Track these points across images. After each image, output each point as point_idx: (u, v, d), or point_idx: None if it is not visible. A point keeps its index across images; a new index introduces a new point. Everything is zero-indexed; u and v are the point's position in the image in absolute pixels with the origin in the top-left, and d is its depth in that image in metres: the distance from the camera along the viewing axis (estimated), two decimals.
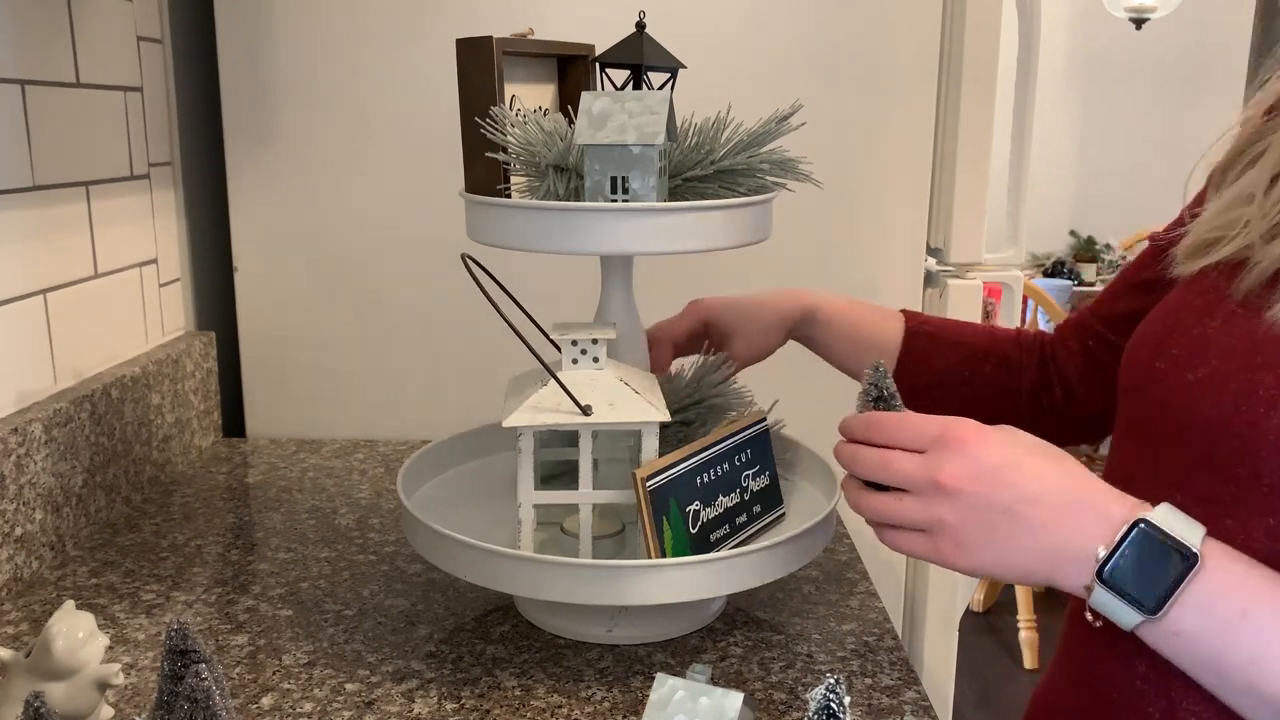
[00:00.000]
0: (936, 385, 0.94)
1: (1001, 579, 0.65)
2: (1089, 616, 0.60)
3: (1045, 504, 0.61)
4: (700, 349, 0.99)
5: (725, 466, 0.83)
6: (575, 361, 0.81)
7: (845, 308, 0.99)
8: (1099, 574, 0.58)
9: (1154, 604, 0.57)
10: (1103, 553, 0.58)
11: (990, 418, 0.67)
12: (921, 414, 0.67)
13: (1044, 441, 0.64)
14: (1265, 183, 0.66)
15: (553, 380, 0.78)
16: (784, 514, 0.90)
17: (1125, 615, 0.58)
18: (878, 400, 0.71)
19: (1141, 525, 0.58)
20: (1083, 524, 0.59)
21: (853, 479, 0.69)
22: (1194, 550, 0.57)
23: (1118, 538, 0.58)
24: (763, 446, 0.88)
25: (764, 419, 0.89)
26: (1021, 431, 0.65)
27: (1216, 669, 0.56)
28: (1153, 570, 0.57)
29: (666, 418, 0.78)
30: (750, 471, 0.86)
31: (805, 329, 0.99)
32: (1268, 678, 0.54)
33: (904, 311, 1.00)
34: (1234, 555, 0.58)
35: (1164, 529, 0.57)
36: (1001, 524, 0.61)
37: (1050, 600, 3.11)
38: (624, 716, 0.73)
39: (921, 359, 0.95)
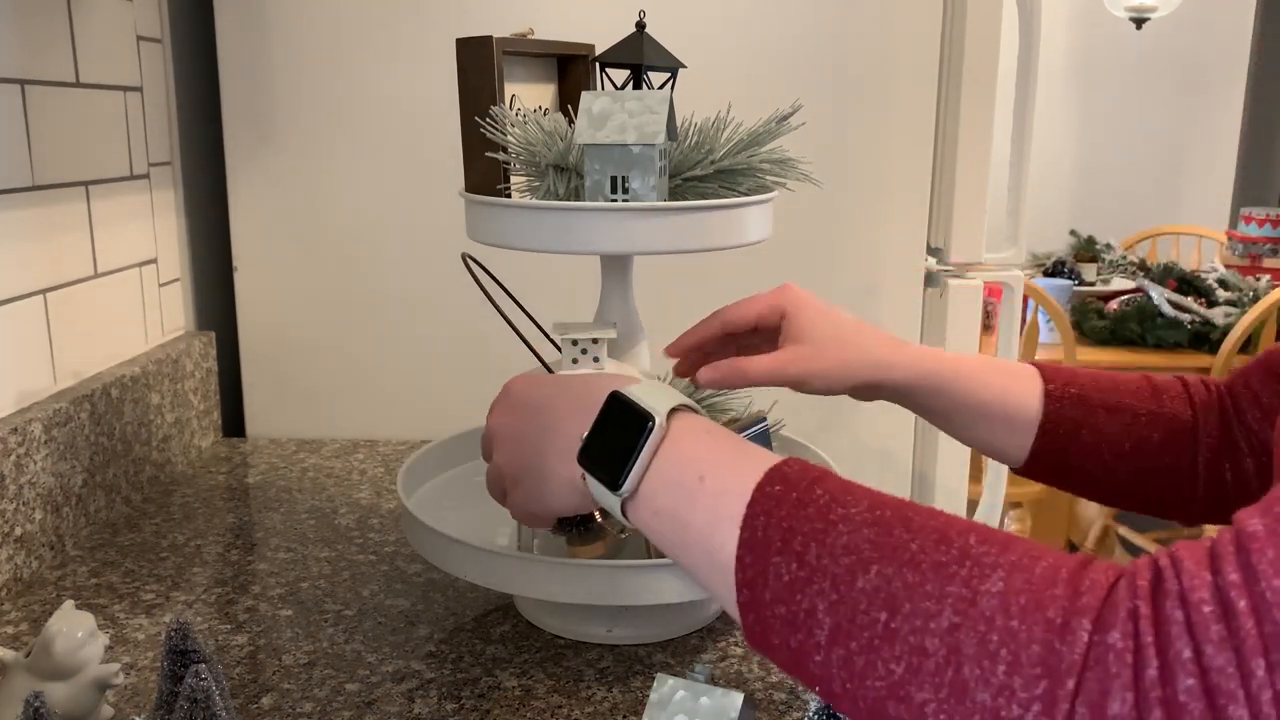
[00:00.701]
0: (1090, 462, 0.75)
1: (551, 502, 0.61)
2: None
3: (558, 404, 0.60)
4: (770, 336, 0.80)
5: None
6: (575, 361, 0.81)
7: (963, 360, 0.77)
8: (580, 454, 0.56)
9: (617, 477, 0.53)
10: (583, 435, 0.56)
11: (1161, 504, 0.61)
12: None
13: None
14: None
15: None
16: None
17: (605, 497, 0.55)
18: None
19: (613, 396, 0.55)
20: (574, 411, 0.58)
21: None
22: (652, 414, 0.53)
23: (595, 415, 0.56)
24: (763, 443, 0.88)
25: (764, 419, 0.89)
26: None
27: (688, 543, 0.51)
28: (618, 442, 0.54)
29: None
30: None
31: (909, 394, 0.77)
32: (717, 543, 0.49)
33: (1036, 365, 0.78)
34: (709, 426, 0.54)
35: (631, 397, 0.55)
36: (530, 442, 0.61)
37: None
38: (624, 716, 0.73)
39: (1070, 430, 0.75)
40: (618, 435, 0.54)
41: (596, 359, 0.81)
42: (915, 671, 0.41)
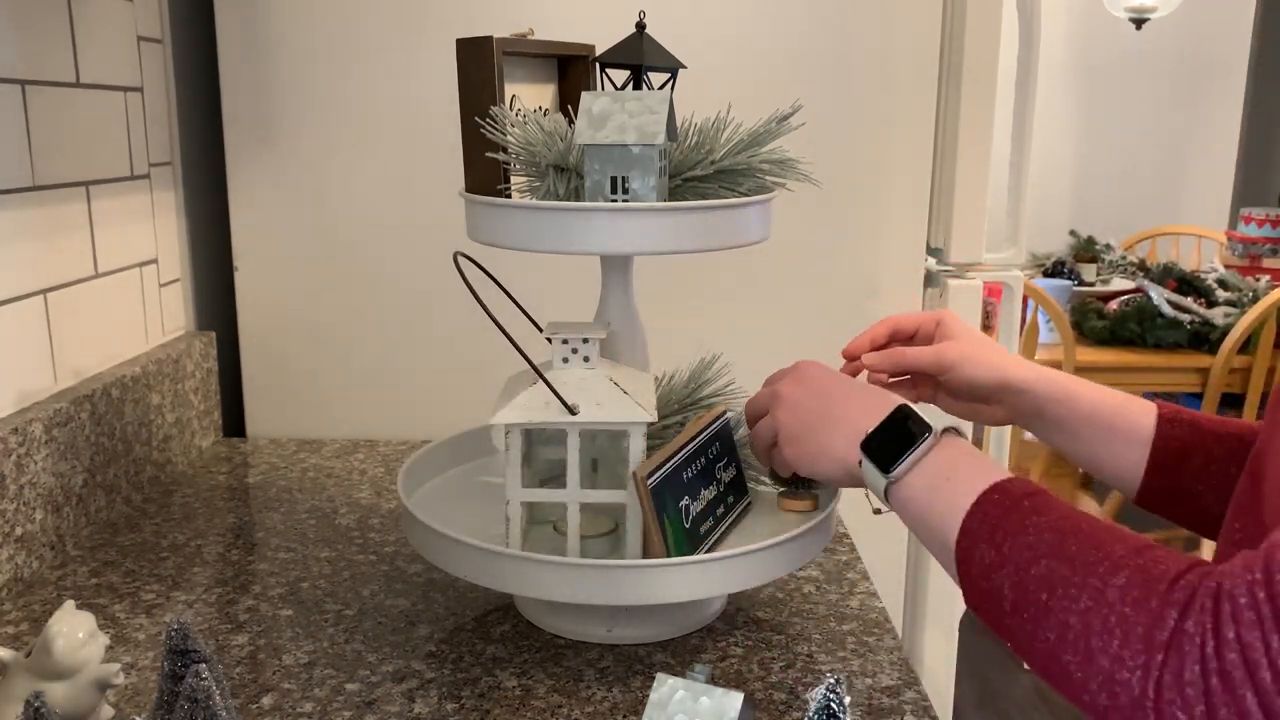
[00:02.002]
0: (1200, 482, 0.80)
1: (815, 472, 0.78)
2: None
3: (841, 399, 0.76)
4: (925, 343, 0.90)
5: (703, 460, 0.84)
6: (566, 361, 0.81)
7: (1082, 384, 0.85)
8: (862, 443, 0.72)
9: (889, 465, 0.69)
10: (867, 431, 0.72)
11: None
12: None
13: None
14: None
15: (542, 380, 0.78)
16: (750, 503, 0.90)
17: (876, 480, 0.71)
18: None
19: (900, 407, 0.72)
20: (862, 410, 0.74)
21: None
22: (931, 426, 0.70)
23: (880, 421, 0.72)
24: (728, 438, 0.89)
25: (725, 411, 0.90)
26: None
27: (930, 526, 0.67)
28: (897, 441, 0.70)
29: (653, 418, 0.78)
30: (720, 463, 0.87)
31: (1034, 400, 0.85)
32: (950, 528, 0.65)
33: (1152, 399, 0.86)
34: (969, 447, 0.70)
35: (915, 411, 0.71)
36: (813, 419, 0.77)
37: None
38: (624, 716, 0.73)
39: (1181, 451, 0.81)
40: (899, 436, 0.70)
41: (587, 358, 0.81)
42: (1061, 639, 0.56)
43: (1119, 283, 3.18)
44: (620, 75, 0.86)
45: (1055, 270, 3.18)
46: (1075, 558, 0.58)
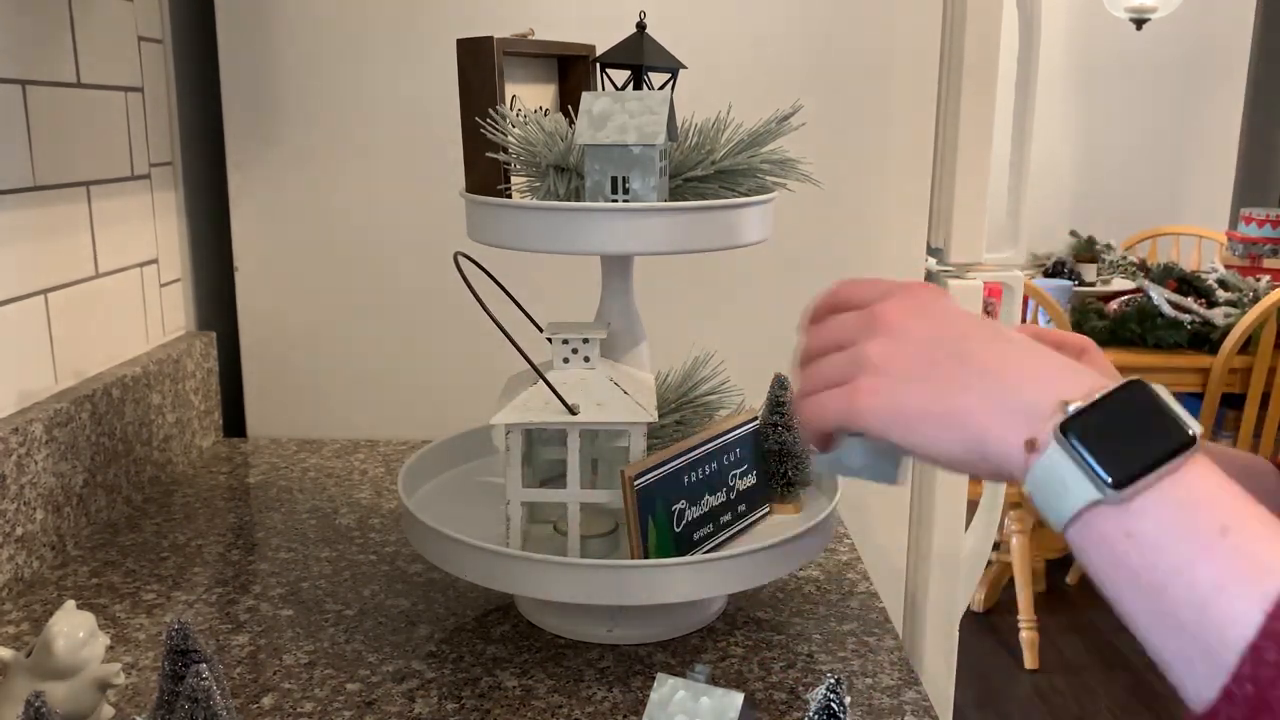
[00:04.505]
0: None
1: (912, 435, 0.50)
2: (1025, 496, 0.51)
3: (1001, 347, 0.50)
4: None
5: (713, 466, 0.84)
6: (566, 361, 0.81)
7: (1218, 448, 0.73)
8: (1062, 425, 0.45)
9: (1123, 475, 0.43)
10: (1077, 405, 0.45)
11: None
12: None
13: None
14: None
15: (542, 380, 0.78)
16: (769, 512, 0.90)
17: (1076, 489, 0.44)
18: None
19: (1138, 384, 0.46)
20: (1048, 371, 0.48)
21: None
22: (1193, 433, 0.44)
23: (1099, 395, 0.45)
24: (752, 446, 0.88)
25: (754, 419, 0.89)
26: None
27: (1168, 588, 0.42)
28: (1135, 436, 0.44)
29: (653, 418, 0.78)
30: (738, 471, 0.86)
31: None
32: (1223, 611, 0.41)
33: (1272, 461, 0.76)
34: (1221, 473, 0.46)
35: (1163, 398, 0.46)
36: (940, 359, 0.50)
37: (1051, 600, 3.11)
38: (624, 716, 0.73)
39: None
40: (1134, 430, 0.45)
41: (587, 359, 0.81)
42: None
43: (1119, 283, 3.18)
44: (620, 75, 0.86)
45: (1055, 270, 3.18)
46: None
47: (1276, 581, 0.40)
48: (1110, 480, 0.43)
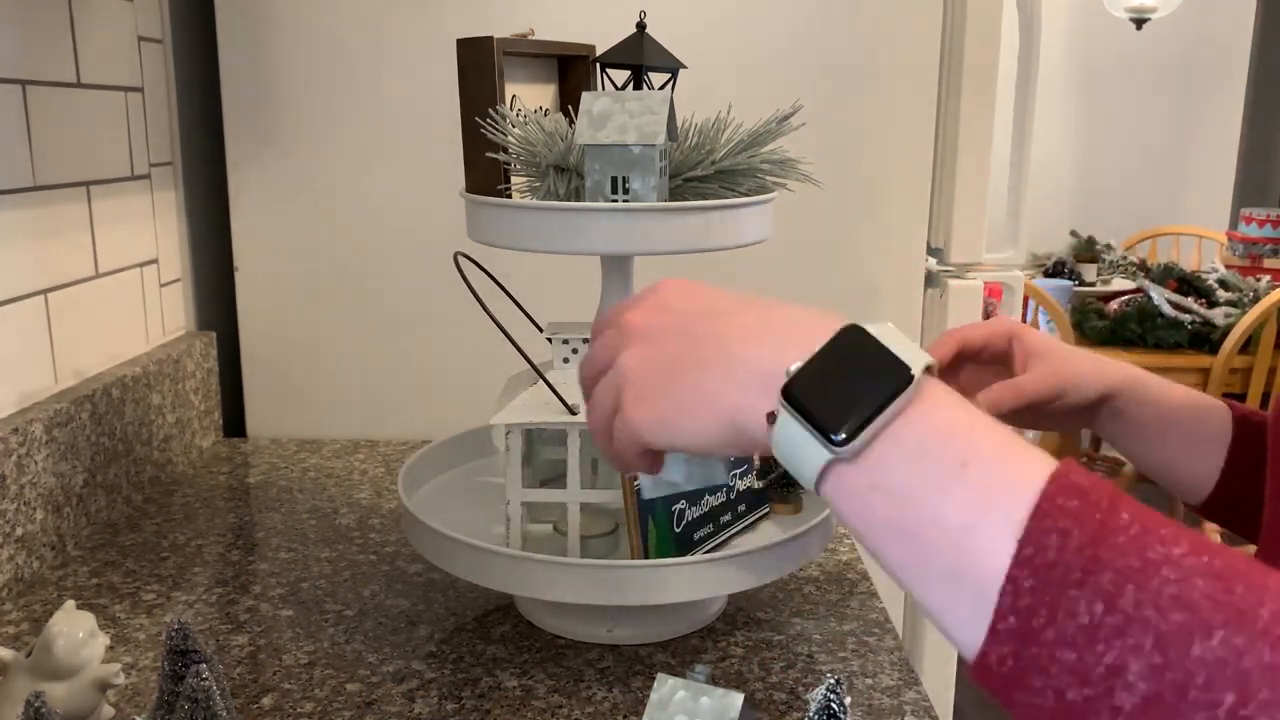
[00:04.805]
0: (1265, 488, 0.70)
1: (680, 434, 0.48)
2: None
3: (739, 317, 0.48)
4: (990, 362, 0.79)
5: None
6: (566, 361, 0.81)
7: (1161, 382, 0.78)
8: (784, 388, 0.43)
9: (848, 428, 0.41)
10: (796, 365, 0.43)
11: None
12: None
13: None
14: None
15: (542, 380, 0.78)
16: (768, 513, 0.90)
17: (811, 452, 0.42)
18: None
19: (853, 330, 0.44)
20: (778, 331, 0.46)
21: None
22: (911, 370, 0.42)
23: (818, 347, 0.44)
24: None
25: None
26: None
27: (920, 536, 0.41)
28: (854, 386, 0.42)
29: None
30: (737, 471, 0.86)
31: (1121, 401, 0.77)
32: (977, 548, 0.39)
33: (1224, 400, 0.79)
34: (954, 394, 0.44)
35: (878, 338, 0.44)
36: (683, 348, 0.48)
37: None
38: (624, 716, 0.73)
39: (1256, 457, 0.74)
40: (850, 380, 0.43)
41: None
42: None
43: (1119, 283, 3.19)
44: (620, 75, 0.86)
45: (1056, 270, 3.18)
46: (1274, 631, 0.35)
47: (1023, 506, 0.38)
48: (836, 439, 0.42)
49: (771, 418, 0.44)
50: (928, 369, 0.43)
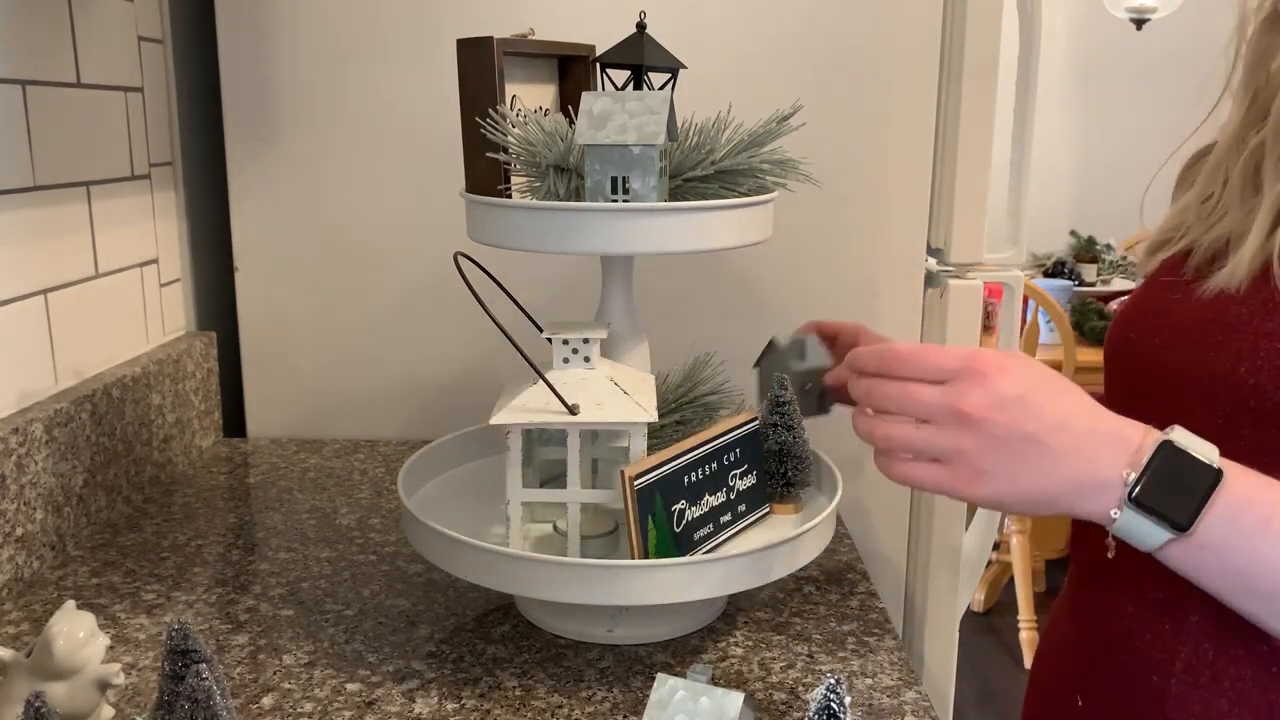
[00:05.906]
0: None
1: (1016, 508, 0.64)
2: (1109, 544, 0.64)
3: (1070, 432, 0.62)
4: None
5: (714, 466, 0.83)
6: (566, 361, 0.81)
7: None
8: (1130, 496, 0.60)
9: (1186, 519, 0.59)
10: (1132, 476, 0.60)
11: None
12: (938, 346, 0.66)
13: (1054, 371, 0.65)
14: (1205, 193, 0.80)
15: (542, 380, 0.78)
16: (768, 513, 0.90)
17: (1153, 535, 0.60)
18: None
19: (1167, 445, 0.60)
20: (1107, 450, 0.61)
21: (864, 411, 0.68)
22: (1217, 465, 0.60)
23: (1145, 460, 0.60)
24: (752, 446, 0.88)
25: (754, 419, 0.89)
26: (1034, 360, 0.66)
27: (1243, 576, 0.60)
28: (1182, 488, 0.60)
29: (653, 418, 0.78)
30: (738, 471, 0.86)
31: None
32: None
33: None
34: (1244, 469, 0.61)
35: (1186, 448, 0.60)
36: (1027, 451, 0.62)
37: (1051, 600, 3.10)
38: (624, 716, 0.73)
39: None
40: (1177, 481, 0.60)
41: (587, 359, 0.81)
42: None
43: (1119, 283, 3.19)
44: (620, 75, 0.86)
45: (1056, 270, 3.18)
46: None
47: None
48: (1176, 526, 0.59)
49: (1111, 517, 0.61)
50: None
